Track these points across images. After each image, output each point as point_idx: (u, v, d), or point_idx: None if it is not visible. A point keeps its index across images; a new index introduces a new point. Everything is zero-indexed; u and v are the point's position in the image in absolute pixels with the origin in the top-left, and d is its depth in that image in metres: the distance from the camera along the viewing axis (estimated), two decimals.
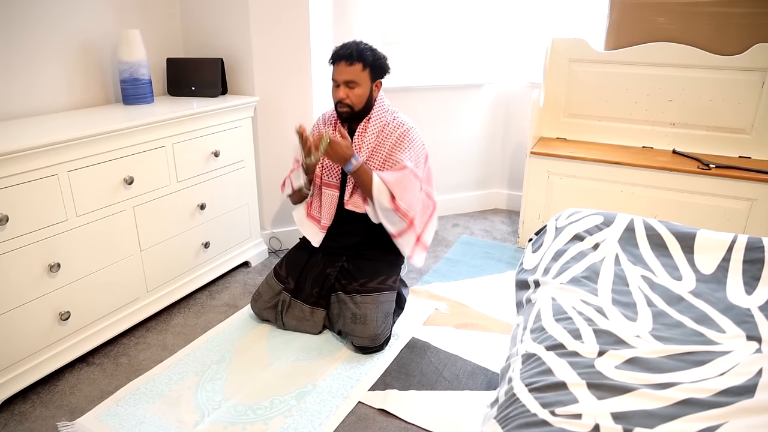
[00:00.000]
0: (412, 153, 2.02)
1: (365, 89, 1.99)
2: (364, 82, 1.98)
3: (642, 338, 1.31)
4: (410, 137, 2.03)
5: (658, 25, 2.68)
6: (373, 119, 2.04)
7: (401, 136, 2.03)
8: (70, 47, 2.17)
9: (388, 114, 2.07)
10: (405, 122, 2.06)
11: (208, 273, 2.41)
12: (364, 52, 1.97)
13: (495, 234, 3.08)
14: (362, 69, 1.96)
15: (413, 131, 2.06)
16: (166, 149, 2.09)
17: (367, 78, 1.99)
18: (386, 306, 2.01)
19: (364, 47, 1.98)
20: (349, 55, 1.95)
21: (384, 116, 2.05)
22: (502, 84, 3.24)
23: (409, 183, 1.97)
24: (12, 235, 1.62)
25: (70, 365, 1.90)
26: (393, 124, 2.04)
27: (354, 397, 1.76)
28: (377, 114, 2.05)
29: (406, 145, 2.02)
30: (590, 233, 1.72)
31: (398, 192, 1.94)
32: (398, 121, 2.06)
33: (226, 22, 2.50)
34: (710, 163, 2.47)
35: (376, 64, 1.99)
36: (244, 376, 1.85)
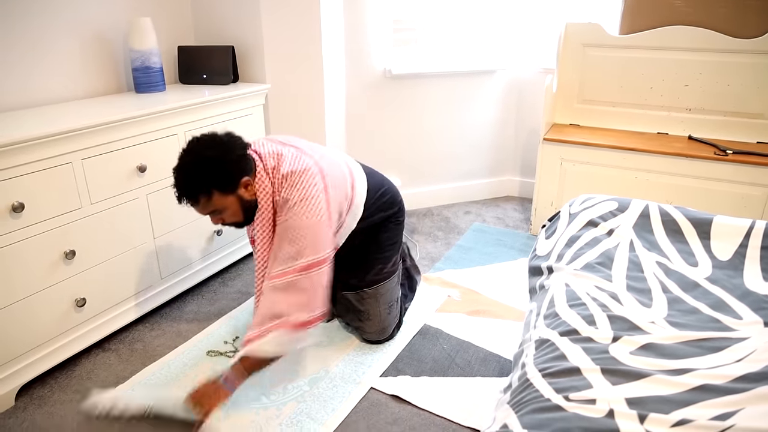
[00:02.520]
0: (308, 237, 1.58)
1: (232, 206, 1.61)
2: (223, 204, 1.59)
3: (657, 324, 1.30)
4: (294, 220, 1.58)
5: (674, 8, 2.62)
6: (260, 212, 1.65)
7: (287, 218, 1.60)
8: (83, 36, 2.18)
9: (275, 193, 1.64)
10: (290, 197, 1.59)
11: (221, 260, 2.42)
12: (196, 180, 1.54)
13: (507, 221, 3.06)
14: (208, 199, 1.57)
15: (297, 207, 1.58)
16: (178, 137, 2.10)
17: (222, 198, 1.58)
18: (388, 296, 1.90)
19: (194, 170, 1.54)
20: (185, 196, 1.57)
21: (271, 199, 1.64)
22: (514, 70, 3.21)
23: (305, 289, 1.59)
24: (28, 223, 1.64)
25: (87, 351, 1.93)
26: (282, 201, 1.62)
27: (366, 382, 1.76)
28: (262, 203, 1.64)
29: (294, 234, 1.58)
30: (604, 219, 1.70)
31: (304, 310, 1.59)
32: (285, 196, 1.61)
33: (237, 9, 2.50)
34: (727, 149, 2.43)
35: (219, 183, 1.55)
36: None
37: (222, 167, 1.56)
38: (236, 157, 1.58)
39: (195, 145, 1.58)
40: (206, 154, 1.56)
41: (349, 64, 2.85)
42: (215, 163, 1.55)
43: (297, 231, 1.58)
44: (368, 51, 2.87)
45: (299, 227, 1.58)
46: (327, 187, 1.65)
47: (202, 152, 1.56)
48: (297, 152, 1.69)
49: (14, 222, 1.60)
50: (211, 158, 1.55)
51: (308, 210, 1.59)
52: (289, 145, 1.73)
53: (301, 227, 1.58)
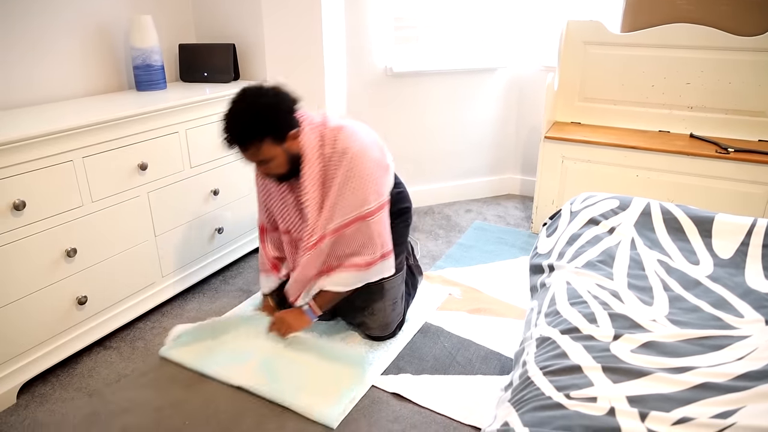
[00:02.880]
0: (370, 185, 1.69)
1: (280, 157, 1.65)
2: (272, 153, 1.63)
3: (658, 322, 1.30)
4: (361, 167, 1.67)
5: (675, 5, 2.62)
6: (308, 164, 1.70)
7: (351, 171, 1.67)
8: (84, 34, 2.17)
9: (327, 147, 1.70)
10: (349, 146, 1.67)
11: (222, 258, 2.42)
12: (250, 126, 1.58)
13: (508, 219, 3.06)
14: (259, 146, 1.61)
15: (360, 154, 1.68)
16: (179, 135, 2.10)
17: (272, 147, 1.62)
18: (393, 292, 1.92)
19: (248, 116, 1.59)
20: (237, 142, 1.61)
21: (316, 160, 1.70)
22: (515, 68, 3.20)
23: (375, 230, 1.73)
24: (29, 221, 1.64)
25: (88, 349, 1.93)
26: (335, 158, 1.69)
27: (367, 380, 1.77)
28: (309, 163, 1.69)
29: (358, 183, 1.67)
30: (606, 217, 1.70)
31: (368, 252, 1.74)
32: (339, 151, 1.68)
33: (238, 7, 2.49)
34: (729, 147, 2.43)
35: (272, 130, 1.60)
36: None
37: (276, 115, 1.60)
38: (288, 108, 1.64)
39: (248, 94, 1.62)
40: (261, 102, 1.59)
41: (350, 62, 2.85)
42: (270, 111, 1.59)
43: (360, 179, 1.66)
44: (369, 49, 2.87)
45: (362, 175, 1.66)
46: (376, 139, 1.77)
47: (256, 100, 1.60)
48: (334, 118, 1.78)
49: (15, 220, 1.60)
50: (266, 105, 1.59)
51: (369, 157, 1.68)
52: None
53: (363, 175, 1.66)
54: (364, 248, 1.75)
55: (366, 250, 1.75)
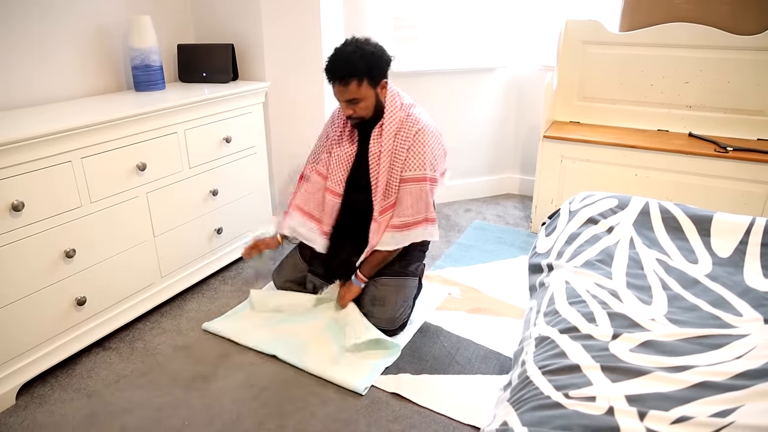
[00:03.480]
0: (428, 155, 1.91)
1: (370, 100, 1.88)
2: (365, 94, 1.86)
3: (657, 321, 1.30)
4: (425, 139, 1.90)
5: (674, 4, 2.62)
6: (386, 123, 1.92)
7: (417, 137, 1.90)
8: (82, 34, 2.17)
9: (402, 112, 1.93)
10: (420, 119, 1.92)
11: (221, 258, 2.42)
12: (355, 64, 1.80)
13: (507, 219, 3.06)
14: (358, 84, 1.83)
15: (428, 129, 1.92)
16: (178, 135, 2.09)
17: (368, 88, 1.86)
18: (407, 291, 2.01)
19: (354, 56, 1.81)
20: (340, 75, 1.82)
21: (397, 115, 1.92)
22: (514, 67, 3.20)
23: (424, 196, 1.92)
24: (28, 222, 1.64)
25: (87, 350, 1.93)
26: (408, 123, 1.91)
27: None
28: (390, 115, 1.92)
29: (420, 149, 1.90)
30: (604, 216, 1.70)
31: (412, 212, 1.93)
32: (413, 119, 1.92)
33: (237, 7, 2.49)
34: (727, 146, 2.43)
35: (372, 73, 1.84)
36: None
37: (379, 61, 1.85)
38: (387, 60, 1.88)
39: (353, 40, 1.87)
40: (367, 47, 1.84)
41: None
42: (373, 56, 1.84)
43: (423, 147, 1.90)
44: None
45: (425, 145, 1.90)
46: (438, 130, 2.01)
47: (363, 45, 1.84)
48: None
49: (14, 221, 1.60)
50: (371, 52, 1.84)
51: (434, 135, 1.94)
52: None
53: (426, 145, 1.90)
54: (411, 209, 1.92)
55: (411, 211, 1.92)
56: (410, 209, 1.92)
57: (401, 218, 1.94)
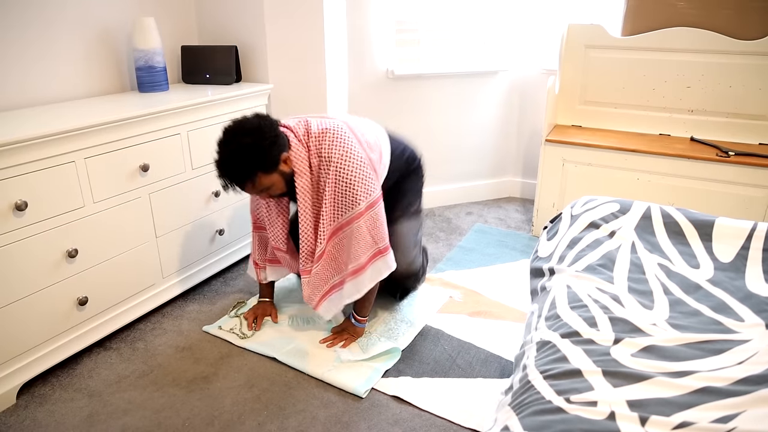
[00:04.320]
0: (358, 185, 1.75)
1: (278, 182, 1.73)
2: (268, 181, 1.71)
3: (658, 326, 1.30)
4: (344, 172, 1.73)
5: (677, 9, 2.62)
6: (299, 175, 1.76)
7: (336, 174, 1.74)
8: (87, 35, 2.18)
9: (312, 156, 1.77)
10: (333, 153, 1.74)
11: (222, 260, 2.43)
12: (244, 164, 1.64)
13: (509, 222, 3.06)
14: (254, 182, 1.69)
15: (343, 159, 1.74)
16: (181, 137, 2.10)
17: (268, 176, 1.69)
18: (412, 235, 2.05)
19: (237, 160, 1.63)
20: (234, 183, 1.69)
21: (308, 165, 1.77)
22: (517, 71, 3.21)
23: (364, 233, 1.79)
24: (31, 221, 1.64)
25: (88, 350, 1.94)
26: (323, 162, 1.76)
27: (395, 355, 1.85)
28: (300, 171, 1.76)
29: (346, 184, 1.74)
30: (606, 221, 1.70)
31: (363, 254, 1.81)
32: (326, 155, 1.75)
33: (240, 9, 2.50)
34: (729, 151, 2.43)
35: (260, 165, 1.65)
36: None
37: (262, 152, 1.65)
38: (272, 139, 1.67)
39: (231, 136, 1.66)
40: (245, 141, 1.64)
41: (351, 65, 2.85)
42: (255, 149, 1.64)
43: (348, 183, 1.74)
44: (371, 52, 2.88)
45: (348, 179, 1.74)
46: (357, 136, 1.82)
47: (240, 141, 1.64)
48: (320, 117, 1.85)
49: (17, 220, 1.61)
50: (250, 145, 1.64)
51: (353, 160, 1.75)
52: (313, 115, 1.90)
53: (349, 179, 1.74)
54: (364, 246, 1.80)
55: (365, 249, 1.80)
56: (364, 247, 1.79)
57: (352, 264, 1.81)
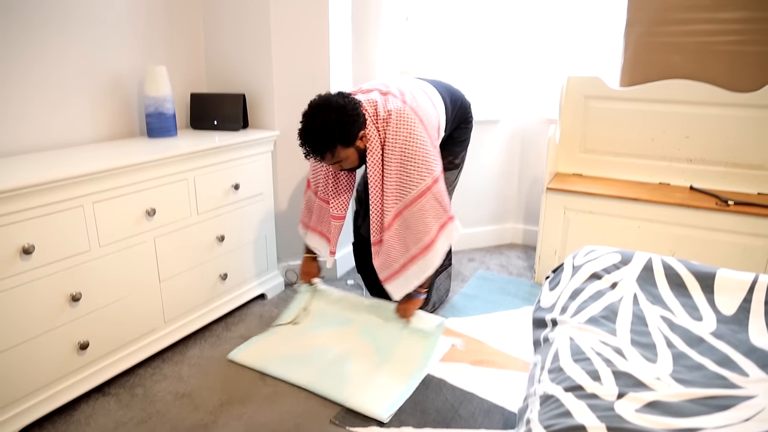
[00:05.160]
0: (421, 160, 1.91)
1: (352, 155, 1.93)
2: (345, 155, 1.90)
3: (662, 380, 1.29)
4: (410, 152, 1.90)
5: (673, 62, 2.70)
6: (371, 152, 1.95)
7: (402, 153, 1.90)
8: (100, 81, 2.25)
9: (381, 133, 1.94)
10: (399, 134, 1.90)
11: (224, 305, 2.42)
12: (322, 140, 1.83)
13: (511, 269, 3.06)
14: (332, 154, 1.88)
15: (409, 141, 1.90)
16: (187, 182, 2.14)
17: (344, 149, 1.89)
18: (449, 182, 2.25)
19: (321, 131, 1.82)
20: (313, 152, 1.87)
21: (379, 143, 1.94)
22: (518, 119, 3.28)
23: (437, 203, 1.97)
24: (37, 265, 1.66)
25: (86, 395, 1.91)
26: (389, 141, 1.92)
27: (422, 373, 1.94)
28: (372, 146, 1.94)
29: (413, 159, 1.90)
30: (608, 272, 1.71)
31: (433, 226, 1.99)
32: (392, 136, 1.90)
33: (249, 58, 2.58)
34: (729, 200, 2.46)
35: (343, 139, 1.84)
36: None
37: (343, 127, 1.83)
38: (354, 117, 1.85)
39: (317, 110, 1.85)
40: (329, 117, 1.82)
41: None
42: (338, 125, 1.82)
43: (413, 162, 1.90)
44: None
45: (414, 158, 1.90)
46: (419, 116, 1.96)
47: (326, 116, 1.82)
48: (383, 96, 1.98)
49: (24, 264, 1.62)
50: (334, 121, 1.82)
51: (418, 140, 1.91)
52: (375, 91, 2.02)
53: (415, 158, 1.90)
54: (434, 218, 1.96)
55: (433, 222, 1.96)
56: (433, 219, 1.97)
57: (422, 241, 1.98)
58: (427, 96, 2.08)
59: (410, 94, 2.01)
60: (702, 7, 2.59)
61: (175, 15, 2.53)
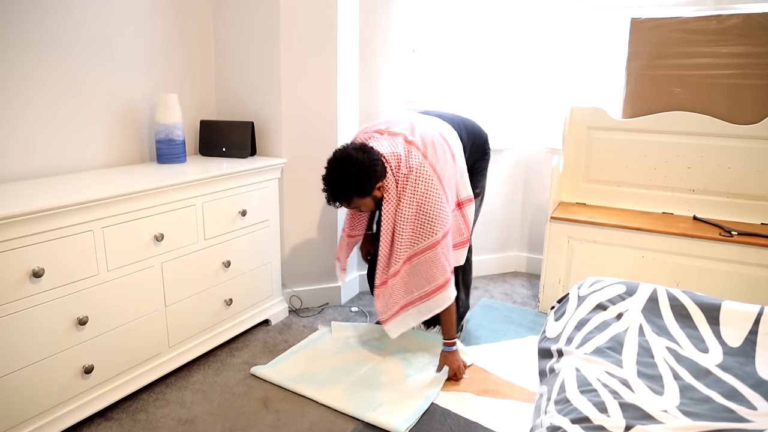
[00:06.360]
0: (435, 218, 2.03)
1: (369, 203, 2.08)
2: (362, 203, 2.07)
3: (669, 413, 1.28)
4: (425, 205, 2.02)
5: (674, 95, 2.75)
6: (387, 201, 2.07)
7: (418, 206, 2.03)
8: (113, 108, 2.30)
9: (399, 184, 2.05)
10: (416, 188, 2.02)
11: (229, 330, 2.42)
12: (342, 191, 2.00)
13: (515, 297, 3.06)
14: (348, 203, 2.05)
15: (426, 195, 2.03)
16: (195, 208, 2.16)
17: (361, 199, 2.04)
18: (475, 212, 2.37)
19: (340, 182, 1.99)
20: (334, 199, 2.05)
21: (395, 192, 2.06)
22: (522, 149, 3.32)
23: (443, 257, 2.07)
24: (46, 288, 1.67)
25: (89, 419, 1.90)
26: (407, 193, 2.04)
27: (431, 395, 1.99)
28: (388, 197, 2.07)
29: (426, 215, 2.03)
30: (613, 303, 1.72)
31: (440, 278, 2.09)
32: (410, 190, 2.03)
33: (258, 87, 2.64)
34: (732, 230, 2.47)
35: (360, 191, 2.00)
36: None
37: (360, 182, 1.99)
38: (370, 173, 1.99)
39: (339, 162, 2.01)
40: (348, 171, 1.98)
41: None
42: (355, 179, 1.98)
43: (427, 215, 2.03)
44: None
45: (428, 212, 2.03)
46: (438, 173, 2.07)
47: (345, 170, 1.99)
48: (407, 148, 2.08)
49: (33, 287, 1.64)
50: (352, 175, 1.98)
51: (432, 199, 2.04)
52: (400, 137, 2.11)
53: (429, 212, 2.03)
54: (437, 271, 2.07)
55: (437, 274, 2.07)
56: (432, 274, 2.08)
57: (428, 286, 2.09)
58: (445, 143, 2.15)
59: (431, 144, 2.10)
60: (702, 42, 2.65)
61: (188, 45, 2.59)
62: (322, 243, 2.83)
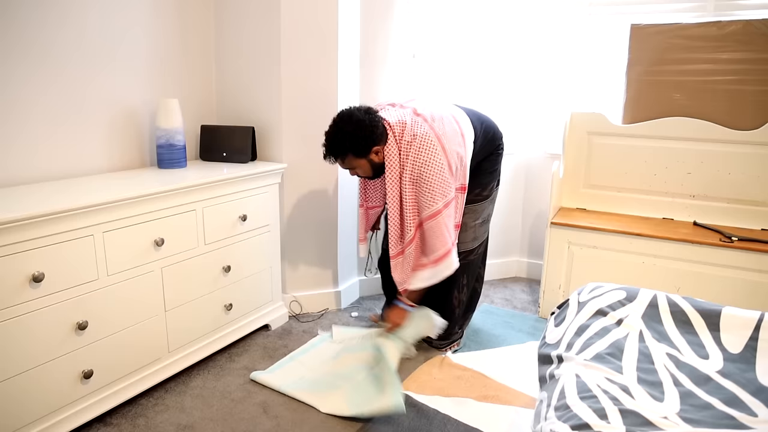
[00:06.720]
0: (437, 187, 2.06)
1: (364, 166, 2.14)
2: (357, 164, 2.13)
3: (670, 420, 1.28)
4: (426, 176, 2.05)
5: (674, 100, 2.76)
6: (390, 168, 2.12)
7: (419, 176, 2.06)
8: (114, 113, 2.31)
9: (402, 154, 2.09)
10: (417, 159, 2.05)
11: (228, 335, 2.42)
12: (336, 146, 2.08)
13: (515, 303, 3.06)
14: (342, 160, 2.12)
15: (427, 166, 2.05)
16: (196, 213, 2.16)
17: (356, 159, 2.11)
18: (483, 213, 2.40)
19: (336, 138, 2.07)
20: (328, 154, 2.13)
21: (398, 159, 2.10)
22: (522, 154, 3.32)
23: (444, 228, 2.10)
24: (46, 292, 1.67)
25: (88, 425, 1.90)
26: (408, 165, 2.08)
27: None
28: (391, 163, 2.11)
29: (427, 183, 2.06)
30: (613, 308, 1.71)
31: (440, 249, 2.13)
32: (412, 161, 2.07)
33: (259, 93, 2.64)
34: (732, 236, 2.47)
35: (355, 150, 2.07)
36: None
37: (356, 140, 2.05)
38: (367, 133, 2.05)
39: (339, 119, 2.10)
40: (346, 129, 2.06)
41: None
42: (351, 137, 2.05)
43: (428, 184, 2.06)
44: None
45: (429, 182, 2.06)
46: (442, 143, 2.09)
47: (343, 127, 2.06)
48: (414, 118, 2.13)
49: (33, 291, 1.64)
50: (349, 132, 2.05)
51: (435, 167, 2.05)
52: (410, 109, 2.18)
53: (431, 182, 2.06)
54: (438, 242, 2.11)
55: (438, 245, 2.11)
56: (437, 243, 2.12)
57: (428, 256, 2.15)
58: (455, 123, 2.19)
59: (439, 119, 2.13)
60: (702, 48, 2.66)
61: (189, 50, 2.60)
62: (322, 248, 2.83)
